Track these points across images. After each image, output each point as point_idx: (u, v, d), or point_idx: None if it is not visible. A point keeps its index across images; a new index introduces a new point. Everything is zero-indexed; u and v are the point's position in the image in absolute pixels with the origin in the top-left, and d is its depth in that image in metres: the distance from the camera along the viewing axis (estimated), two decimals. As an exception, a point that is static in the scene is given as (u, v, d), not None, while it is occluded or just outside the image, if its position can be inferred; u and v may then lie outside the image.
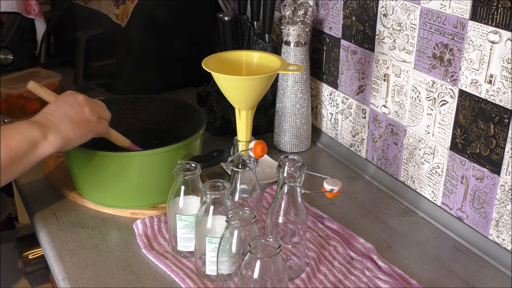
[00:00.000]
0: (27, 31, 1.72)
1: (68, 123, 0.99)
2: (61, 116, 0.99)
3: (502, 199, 0.99)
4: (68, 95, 1.04)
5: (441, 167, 1.10)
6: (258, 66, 1.06)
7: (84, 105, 1.02)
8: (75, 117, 1.00)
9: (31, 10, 1.69)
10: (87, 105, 1.03)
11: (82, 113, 1.01)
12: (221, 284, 0.89)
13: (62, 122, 0.99)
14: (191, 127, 1.21)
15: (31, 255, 1.54)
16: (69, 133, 0.99)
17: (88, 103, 1.03)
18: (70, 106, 1.01)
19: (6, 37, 1.68)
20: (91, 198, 1.14)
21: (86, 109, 1.02)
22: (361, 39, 1.24)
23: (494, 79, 0.96)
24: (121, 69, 1.61)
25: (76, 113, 1.01)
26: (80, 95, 1.04)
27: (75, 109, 1.01)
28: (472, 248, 1.05)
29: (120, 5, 1.53)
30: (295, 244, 0.95)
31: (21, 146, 0.93)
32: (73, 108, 1.01)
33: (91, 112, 1.03)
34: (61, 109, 1.00)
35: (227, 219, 0.84)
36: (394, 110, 1.18)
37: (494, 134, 0.98)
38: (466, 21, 0.99)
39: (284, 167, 0.93)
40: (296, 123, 1.34)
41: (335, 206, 1.17)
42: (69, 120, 0.99)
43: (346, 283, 0.95)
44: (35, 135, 0.95)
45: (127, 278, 0.96)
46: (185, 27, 1.62)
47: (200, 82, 1.56)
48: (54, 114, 0.99)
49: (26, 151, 0.93)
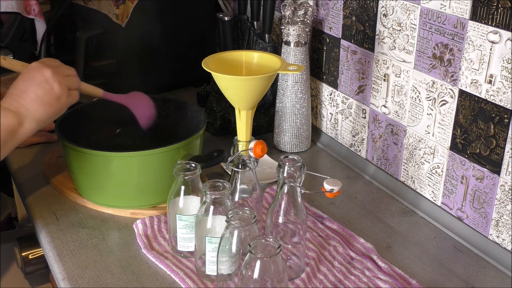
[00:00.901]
0: (27, 31, 1.72)
1: (39, 106, 0.98)
2: (32, 99, 0.98)
3: (502, 199, 0.99)
4: (35, 71, 1.00)
5: (441, 167, 1.10)
6: (258, 66, 1.07)
7: (53, 81, 1.00)
8: (45, 97, 0.99)
9: (31, 10, 1.69)
10: (55, 81, 1.00)
11: (52, 92, 1.00)
12: (221, 284, 0.89)
13: (34, 105, 0.98)
14: (191, 127, 1.21)
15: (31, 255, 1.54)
16: (42, 115, 0.99)
17: (56, 78, 1.00)
18: (39, 86, 0.99)
19: (6, 37, 1.68)
20: (91, 198, 1.14)
21: (55, 86, 1.00)
22: (361, 39, 1.24)
23: (494, 79, 0.96)
24: (121, 69, 1.61)
25: (45, 93, 0.99)
26: (47, 69, 1.00)
27: (44, 88, 0.99)
28: (472, 248, 1.05)
29: (120, 5, 1.53)
30: (295, 244, 0.95)
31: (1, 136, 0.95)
32: (41, 87, 0.99)
33: (60, 88, 1.00)
34: (30, 89, 0.99)
35: (227, 219, 0.84)
36: (394, 110, 1.18)
37: (494, 134, 0.98)
38: (466, 21, 0.99)
39: (284, 167, 0.93)
40: (296, 123, 1.34)
41: (335, 206, 1.17)
42: (40, 102, 0.98)
43: (346, 283, 0.95)
44: (12, 124, 0.96)
45: (127, 278, 0.96)
46: (185, 27, 1.62)
47: (200, 82, 1.56)
48: (24, 97, 0.98)
49: (5, 140, 0.96)
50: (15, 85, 1.00)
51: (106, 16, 1.56)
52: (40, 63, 1.02)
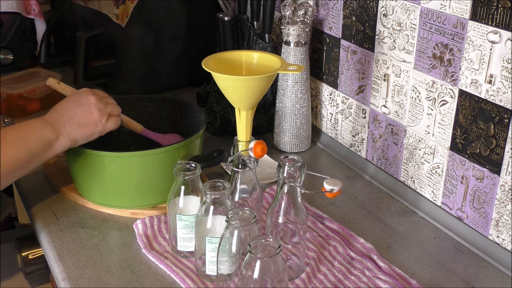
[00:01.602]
0: (27, 31, 1.72)
1: (75, 125, 1.04)
2: (70, 117, 1.04)
3: (502, 199, 0.99)
4: (81, 94, 1.08)
5: (441, 167, 1.10)
6: (258, 66, 1.06)
7: (94, 107, 1.06)
8: (83, 118, 1.05)
9: (31, 10, 1.69)
10: (96, 107, 1.06)
11: (90, 115, 1.06)
12: (221, 284, 0.89)
13: (70, 123, 1.04)
14: (191, 127, 1.21)
15: (31, 255, 1.54)
16: (76, 135, 1.04)
17: (98, 105, 1.07)
18: (81, 107, 1.06)
19: (6, 37, 1.68)
20: (91, 198, 1.14)
21: (95, 111, 1.06)
22: (361, 39, 1.24)
23: (494, 79, 0.96)
24: (121, 69, 1.61)
25: (84, 115, 1.05)
26: (93, 96, 1.07)
27: (84, 111, 1.05)
28: (472, 248, 1.05)
29: (120, 5, 1.53)
30: (295, 244, 0.95)
31: (38, 147, 1.00)
32: (82, 109, 1.05)
33: (100, 115, 1.06)
34: (71, 109, 1.05)
35: (227, 219, 0.84)
36: (394, 110, 1.18)
37: (494, 134, 0.98)
38: (466, 21, 0.99)
39: (284, 167, 0.93)
40: (296, 123, 1.34)
41: (335, 206, 1.17)
42: (76, 122, 1.04)
43: (346, 283, 0.95)
44: (50, 136, 1.01)
45: (127, 278, 0.96)
46: (185, 27, 1.62)
47: (200, 82, 1.56)
48: (64, 114, 1.05)
49: (42, 151, 1.01)
50: (60, 103, 1.08)
51: (106, 16, 1.56)
52: (89, 90, 1.10)
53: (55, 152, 1.03)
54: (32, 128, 1.01)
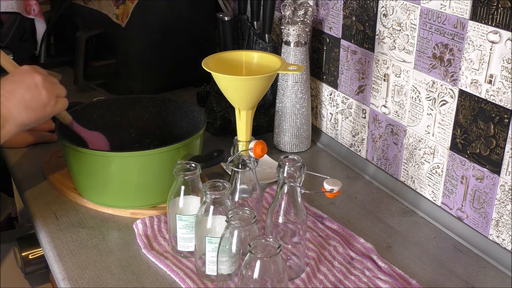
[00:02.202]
0: (27, 31, 1.72)
1: (23, 110, 0.97)
2: (17, 100, 0.97)
3: (502, 199, 0.99)
4: (26, 74, 1.00)
5: (441, 167, 1.10)
6: (258, 66, 1.06)
7: (42, 87, 0.99)
8: (32, 102, 0.98)
9: (31, 10, 1.69)
10: (44, 87, 0.99)
11: (39, 98, 0.99)
12: (221, 284, 0.89)
13: (17, 108, 0.97)
14: (191, 127, 1.21)
15: (31, 255, 1.54)
16: (24, 120, 0.98)
17: (45, 84, 1.00)
18: (27, 89, 0.98)
19: (6, 37, 1.68)
20: (91, 198, 1.14)
21: (43, 92, 0.99)
22: (361, 39, 1.24)
23: (494, 79, 0.96)
24: (121, 69, 1.61)
25: (32, 97, 0.98)
26: (38, 74, 1.00)
27: (31, 92, 0.98)
28: (472, 248, 1.05)
29: (120, 5, 1.53)
30: (295, 244, 0.95)
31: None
32: (29, 91, 0.98)
33: (48, 96, 1.00)
34: (17, 91, 0.97)
35: (227, 219, 0.84)
36: (394, 110, 1.18)
37: (494, 134, 0.98)
38: (466, 21, 0.99)
39: (284, 167, 0.93)
40: (296, 123, 1.34)
41: (335, 206, 1.17)
42: (25, 106, 0.97)
43: (346, 283, 0.95)
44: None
45: (127, 278, 0.96)
46: (185, 27, 1.62)
47: (200, 82, 1.56)
48: (9, 98, 0.96)
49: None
50: (4, 83, 0.98)
51: (106, 16, 1.56)
52: (32, 68, 1.01)
53: (2, 139, 0.96)
54: None
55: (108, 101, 1.28)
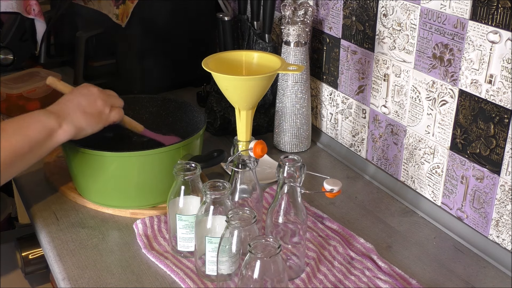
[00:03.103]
0: (27, 31, 1.72)
1: (80, 113, 1.04)
2: (74, 106, 1.05)
3: (502, 199, 0.99)
4: (83, 87, 1.09)
5: (441, 167, 1.10)
6: (258, 66, 1.06)
7: (97, 97, 1.07)
8: (88, 107, 1.05)
9: (31, 10, 1.69)
10: (99, 97, 1.07)
11: (94, 104, 1.06)
12: (221, 284, 0.89)
13: (75, 111, 1.04)
14: (191, 127, 1.21)
15: (31, 255, 1.54)
16: (82, 122, 1.04)
17: (101, 95, 1.08)
18: (84, 97, 1.06)
19: (6, 37, 1.68)
20: (91, 198, 1.14)
21: (98, 101, 1.07)
22: (361, 39, 1.24)
23: (494, 79, 0.96)
24: (121, 69, 1.61)
25: (88, 104, 1.06)
26: (94, 87, 1.09)
27: (88, 100, 1.06)
28: (472, 248, 1.05)
29: (120, 5, 1.53)
30: (295, 244, 0.95)
31: (39, 135, 0.99)
32: (86, 99, 1.06)
33: (103, 104, 1.07)
34: (74, 100, 1.06)
35: (227, 219, 0.84)
36: (394, 110, 1.18)
37: (494, 134, 0.98)
38: (466, 21, 0.99)
39: (284, 167, 0.93)
40: (296, 123, 1.34)
41: (335, 206, 1.17)
42: (81, 110, 1.04)
43: (346, 283, 0.95)
44: (52, 124, 1.00)
45: (127, 278, 0.96)
46: (185, 27, 1.62)
47: (200, 82, 1.56)
48: (68, 104, 1.05)
49: (43, 140, 0.99)
50: (63, 96, 1.08)
51: (106, 16, 1.56)
52: (88, 84, 1.11)
53: (59, 140, 1.01)
54: (33, 117, 1.00)
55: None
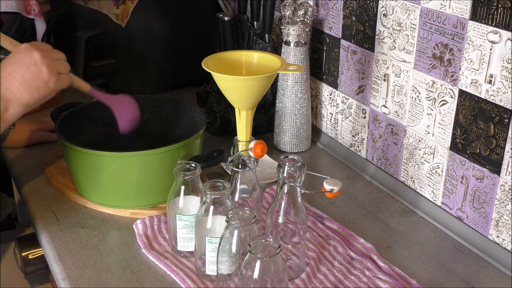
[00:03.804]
0: (27, 31, 1.72)
1: (25, 89, 0.96)
2: (18, 81, 0.96)
3: (502, 199, 0.99)
4: (24, 53, 0.97)
5: (441, 167, 1.10)
6: (258, 66, 1.07)
7: (41, 64, 0.97)
8: (33, 81, 0.97)
9: (31, 10, 1.69)
10: (44, 64, 0.97)
11: (39, 75, 0.97)
12: (221, 284, 0.89)
13: (19, 89, 0.96)
14: (191, 127, 1.21)
15: (31, 255, 1.54)
16: (28, 99, 0.97)
17: (45, 61, 0.97)
18: (26, 68, 0.96)
19: (6, 37, 1.68)
20: (91, 198, 1.14)
21: (43, 70, 0.97)
22: (361, 39, 1.24)
23: (494, 79, 0.96)
24: (121, 69, 1.61)
25: (33, 76, 0.97)
26: (36, 51, 0.97)
27: (31, 71, 0.96)
28: (472, 248, 1.05)
29: (120, 5, 1.53)
30: (295, 244, 0.95)
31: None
32: (29, 70, 0.96)
33: (49, 72, 0.98)
34: (17, 71, 0.96)
35: (227, 219, 0.84)
36: (394, 110, 1.18)
37: (494, 134, 0.98)
38: (466, 21, 0.99)
39: (284, 167, 0.93)
40: (296, 123, 1.34)
41: (335, 206, 1.17)
42: (26, 85, 0.96)
43: (346, 283, 0.95)
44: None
45: (127, 278, 0.96)
46: (185, 27, 1.62)
47: (200, 82, 1.56)
48: (10, 80, 0.96)
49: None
50: (2, 67, 0.97)
51: (106, 16, 1.56)
52: (30, 45, 0.99)
53: (7, 123, 0.96)
54: None
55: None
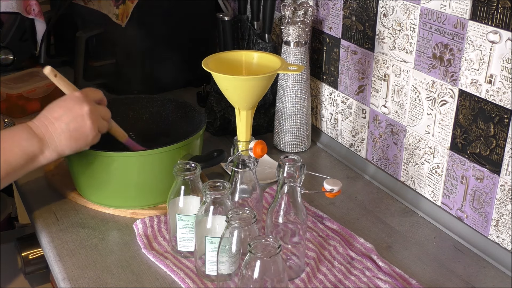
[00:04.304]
0: (27, 31, 1.72)
1: (66, 139, 0.99)
2: (61, 129, 0.98)
3: (502, 199, 0.99)
4: (75, 103, 1.00)
5: (441, 167, 1.10)
6: (258, 66, 1.07)
7: (88, 119, 1.00)
8: (75, 132, 0.99)
9: (31, 10, 1.69)
10: (90, 119, 1.00)
11: (83, 128, 1.00)
12: (221, 284, 0.89)
13: (60, 136, 0.98)
14: (191, 127, 1.21)
15: (31, 255, 1.54)
16: (65, 149, 1.00)
17: (92, 116, 1.01)
18: (73, 118, 0.99)
19: (6, 37, 1.68)
20: (91, 198, 1.14)
21: (88, 124, 1.00)
22: (361, 39, 1.24)
23: (494, 79, 0.96)
24: (121, 69, 1.61)
25: (77, 127, 0.99)
26: (87, 105, 1.00)
27: (77, 122, 0.99)
28: (472, 248, 1.05)
29: (120, 5, 1.53)
30: (295, 244, 0.95)
31: (19, 161, 0.95)
32: (75, 120, 0.99)
33: (92, 128, 1.01)
34: (63, 119, 0.99)
35: (227, 219, 0.84)
36: (394, 110, 1.18)
37: (494, 134, 0.98)
38: (466, 21, 0.99)
39: (284, 167, 0.93)
40: (296, 123, 1.34)
41: (335, 206, 1.17)
42: (68, 135, 0.99)
43: (346, 283, 0.95)
44: (34, 150, 0.96)
45: (127, 278, 0.96)
46: (185, 27, 1.62)
47: (200, 82, 1.56)
48: (55, 125, 0.98)
49: (23, 165, 0.96)
50: (51, 108, 1.00)
51: (106, 16, 1.56)
52: (83, 96, 1.01)
53: (39, 164, 0.99)
54: (15, 140, 0.95)
55: (108, 101, 1.28)
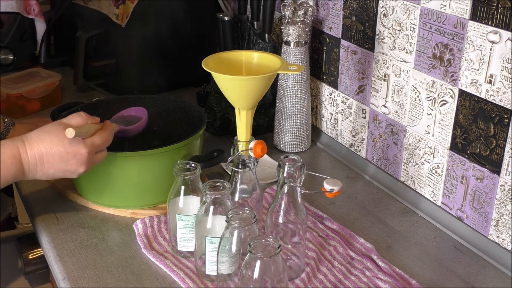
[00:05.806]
0: (27, 31, 1.72)
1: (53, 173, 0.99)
2: (54, 170, 0.98)
3: (502, 199, 0.99)
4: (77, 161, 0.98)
5: (441, 167, 1.10)
6: (258, 66, 1.07)
7: (82, 163, 0.98)
8: (68, 171, 0.99)
9: (31, 10, 1.69)
10: (84, 164, 0.99)
11: (74, 170, 0.99)
12: (221, 284, 0.89)
13: (48, 172, 0.98)
14: (191, 127, 1.21)
15: (31, 255, 1.54)
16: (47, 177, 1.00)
17: (87, 160, 0.99)
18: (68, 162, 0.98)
19: (6, 37, 1.68)
20: (91, 198, 1.14)
21: (80, 168, 0.99)
22: (361, 39, 1.24)
23: (494, 79, 0.96)
24: (121, 69, 1.61)
25: (67, 169, 0.99)
26: (86, 151, 0.98)
27: (70, 166, 0.98)
28: (472, 248, 1.05)
29: (120, 5, 1.53)
30: (295, 244, 0.95)
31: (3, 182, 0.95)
32: (69, 164, 0.98)
33: (84, 170, 1.00)
34: (56, 166, 0.97)
35: (227, 219, 0.84)
36: (394, 110, 1.19)
37: (494, 134, 0.98)
38: (466, 21, 0.99)
39: (284, 167, 0.93)
40: (296, 123, 1.34)
41: (335, 206, 1.17)
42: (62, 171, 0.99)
43: (346, 283, 0.95)
44: (18, 176, 0.97)
45: (127, 278, 0.96)
46: (185, 27, 1.62)
47: (200, 82, 1.56)
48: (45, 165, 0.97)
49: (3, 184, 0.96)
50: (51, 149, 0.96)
51: (106, 16, 1.56)
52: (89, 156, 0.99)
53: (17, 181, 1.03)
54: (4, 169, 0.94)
55: (108, 101, 1.28)
